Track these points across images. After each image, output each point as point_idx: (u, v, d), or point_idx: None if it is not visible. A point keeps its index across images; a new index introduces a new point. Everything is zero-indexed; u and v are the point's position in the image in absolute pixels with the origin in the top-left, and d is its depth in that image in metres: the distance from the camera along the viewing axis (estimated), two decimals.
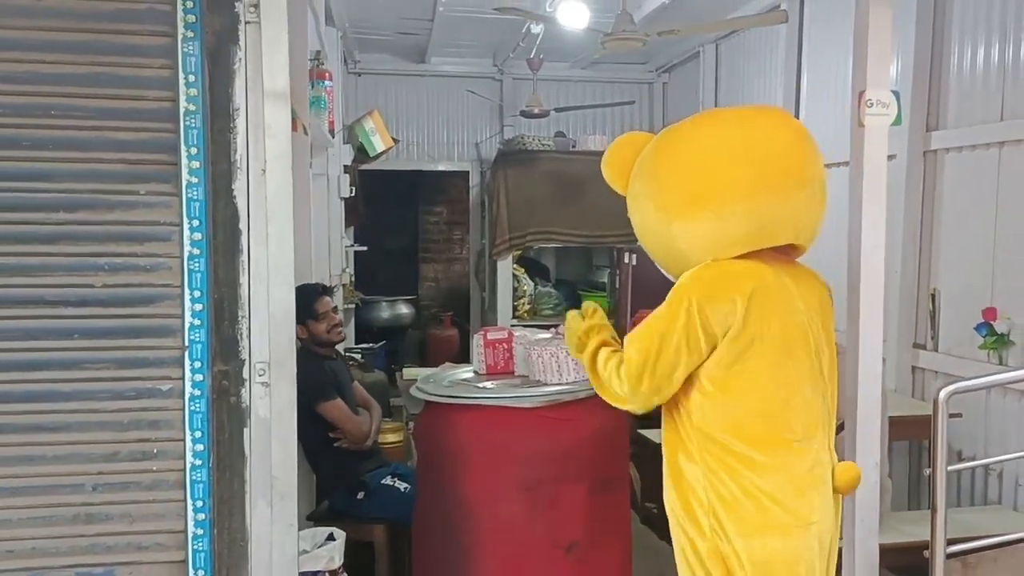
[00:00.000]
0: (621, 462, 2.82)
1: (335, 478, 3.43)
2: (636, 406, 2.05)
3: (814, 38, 5.00)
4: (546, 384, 2.66)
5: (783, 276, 1.96)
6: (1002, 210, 3.65)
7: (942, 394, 2.34)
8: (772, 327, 1.89)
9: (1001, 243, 3.65)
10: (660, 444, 4.30)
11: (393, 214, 8.67)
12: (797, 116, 5.19)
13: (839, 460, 2.08)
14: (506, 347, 2.90)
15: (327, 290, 3.63)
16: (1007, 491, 3.58)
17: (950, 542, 2.55)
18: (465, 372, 2.98)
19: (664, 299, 1.97)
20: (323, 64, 4.29)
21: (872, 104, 2.52)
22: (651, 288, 5.82)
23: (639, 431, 4.55)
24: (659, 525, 4.32)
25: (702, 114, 2.13)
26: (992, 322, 3.59)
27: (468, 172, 7.56)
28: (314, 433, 3.31)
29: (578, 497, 2.56)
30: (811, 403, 1.97)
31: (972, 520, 3.23)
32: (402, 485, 3.38)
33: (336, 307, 3.69)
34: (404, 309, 7.87)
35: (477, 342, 2.95)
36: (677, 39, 5.84)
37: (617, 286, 6.36)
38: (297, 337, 3.41)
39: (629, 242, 6.33)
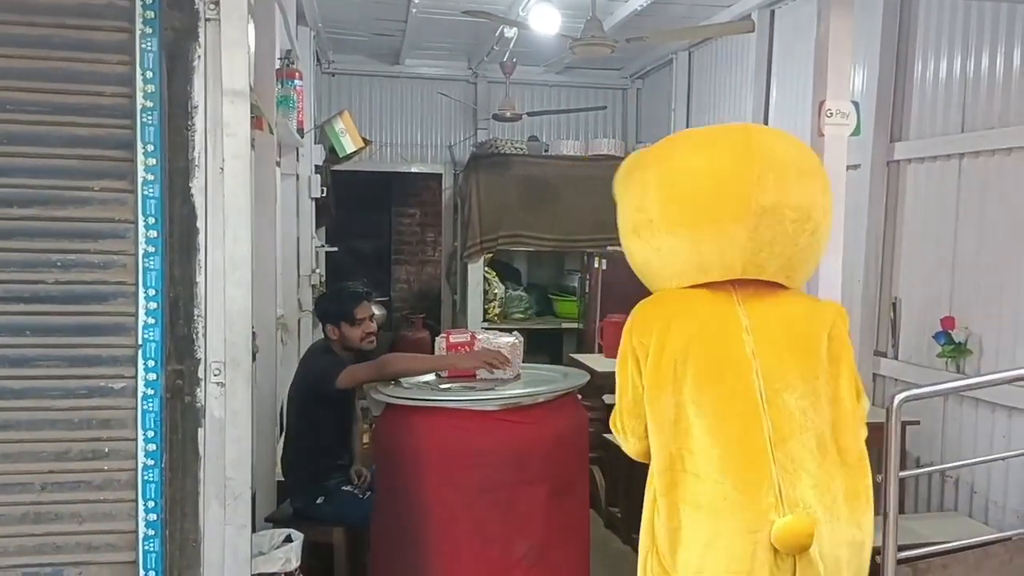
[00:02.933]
0: (581, 465, 2.83)
1: (307, 483, 3.39)
2: (632, 451, 1.92)
3: (783, 48, 5.06)
4: (505, 382, 2.67)
5: (734, 306, 1.81)
6: (961, 221, 3.71)
7: (895, 400, 2.37)
8: (696, 358, 1.76)
9: (960, 253, 3.71)
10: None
11: (366, 215, 8.64)
12: (766, 124, 5.24)
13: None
14: (468, 350, 2.90)
15: (369, 295, 3.45)
16: (963, 498, 3.63)
17: (905, 548, 2.59)
18: (427, 375, 2.98)
19: (634, 305, 1.93)
20: (294, 63, 4.27)
21: (832, 114, 2.57)
22: (621, 292, 5.80)
23: (604, 435, 4.58)
24: (622, 529, 4.35)
25: (661, 142, 2.00)
26: (950, 331, 3.64)
27: (441, 174, 7.55)
28: (310, 437, 3.28)
29: (536, 500, 2.57)
30: (746, 444, 1.72)
31: (929, 526, 3.28)
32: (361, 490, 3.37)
33: (374, 315, 3.49)
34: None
35: (440, 345, 2.95)
36: (650, 46, 5.90)
37: (587, 290, 6.38)
38: (327, 336, 3.38)
39: (599, 246, 6.37)
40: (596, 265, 6.10)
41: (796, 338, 1.79)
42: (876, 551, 2.50)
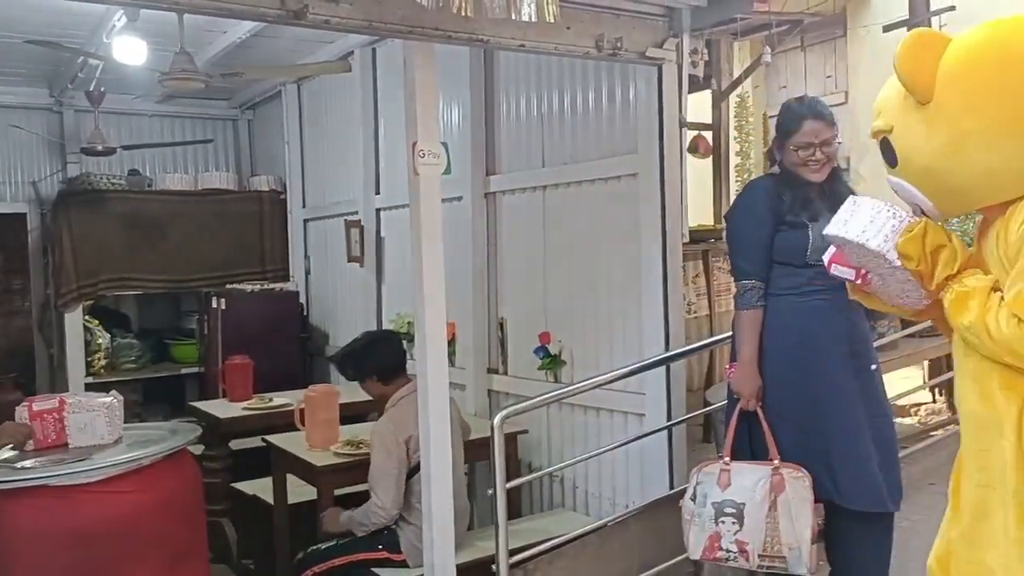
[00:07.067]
0: (196, 525, 2.65)
1: None
2: None
3: (386, 88, 5.25)
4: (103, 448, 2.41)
5: None
6: (548, 245, 4.16)
7: (496, 419, 2.56)
8: None
9: (549, 274, 4.15)
10: (256, 496, 4.16)
11: None
12: (377, 160, 5.40)
13: None
14: (56, 417, 2.57)
15: None
16: (568, 495, 4.05)
17: (522, 549, 2.81)
18: (5, 451, 2.58)
19: (263, 346, 1.78)
20: None
21: (424, 155, 2.71)
22: (243, 333, 5.64)
23: (232, 485, 4.36)
24: None
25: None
26: (547, 345, 4.05)
27: (25, 214, 6.63)
28: None
29: (148, 574, 2.35)
30: None
31: (541, 525, 3.59)
32: None
33: None
34: None
35: (20, 415, 2.57)
36: (257, 78, 5.77)
37: (207, 332, 6.04)
38: None
39: (217, 284, 6.07)
40: (215, 305, 5.80)
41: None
42: (491, 559, 2.69)
